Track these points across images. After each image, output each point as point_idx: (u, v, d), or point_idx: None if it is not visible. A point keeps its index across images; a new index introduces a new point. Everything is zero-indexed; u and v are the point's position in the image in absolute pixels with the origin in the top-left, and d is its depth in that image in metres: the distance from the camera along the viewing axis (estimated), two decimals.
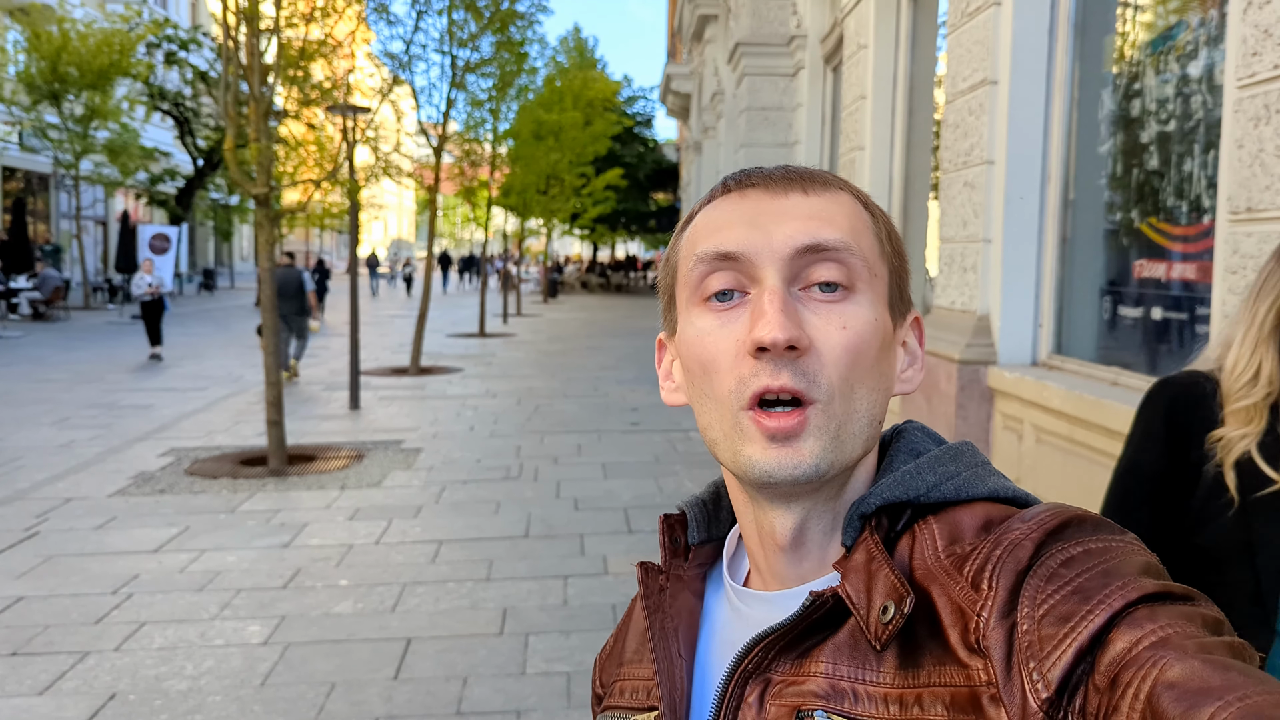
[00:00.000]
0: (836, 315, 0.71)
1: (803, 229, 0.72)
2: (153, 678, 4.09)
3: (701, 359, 0.74)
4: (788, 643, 0.71)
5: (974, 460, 0.76)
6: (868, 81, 8.50)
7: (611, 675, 0.90)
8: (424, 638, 4.54)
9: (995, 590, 0.63)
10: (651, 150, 43.67)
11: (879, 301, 0.74)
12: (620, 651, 0.91)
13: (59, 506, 6.73)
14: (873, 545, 0.70)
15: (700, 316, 0.75)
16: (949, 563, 0.68)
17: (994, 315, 5.56)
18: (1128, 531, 0.66)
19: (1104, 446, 4.28)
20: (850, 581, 0.69)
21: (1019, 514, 0.68)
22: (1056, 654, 0.58)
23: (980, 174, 5.59)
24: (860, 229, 0.75)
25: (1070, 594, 0.60)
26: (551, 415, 10.74)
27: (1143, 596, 0.59)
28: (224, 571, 5.42)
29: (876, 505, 0.72)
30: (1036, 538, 0.64)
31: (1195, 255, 4.27)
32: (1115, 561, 0.62)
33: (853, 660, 0.68)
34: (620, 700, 0.86)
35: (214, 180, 34.13)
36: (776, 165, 0.79)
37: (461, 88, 14.53)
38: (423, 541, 5.99)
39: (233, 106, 7.95)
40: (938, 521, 0.71)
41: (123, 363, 14.94)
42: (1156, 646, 0.55)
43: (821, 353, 0.70)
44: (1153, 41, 4.73)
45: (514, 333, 21.66)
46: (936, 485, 0.73)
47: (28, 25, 24.71)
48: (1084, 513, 0.67)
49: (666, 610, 0.81)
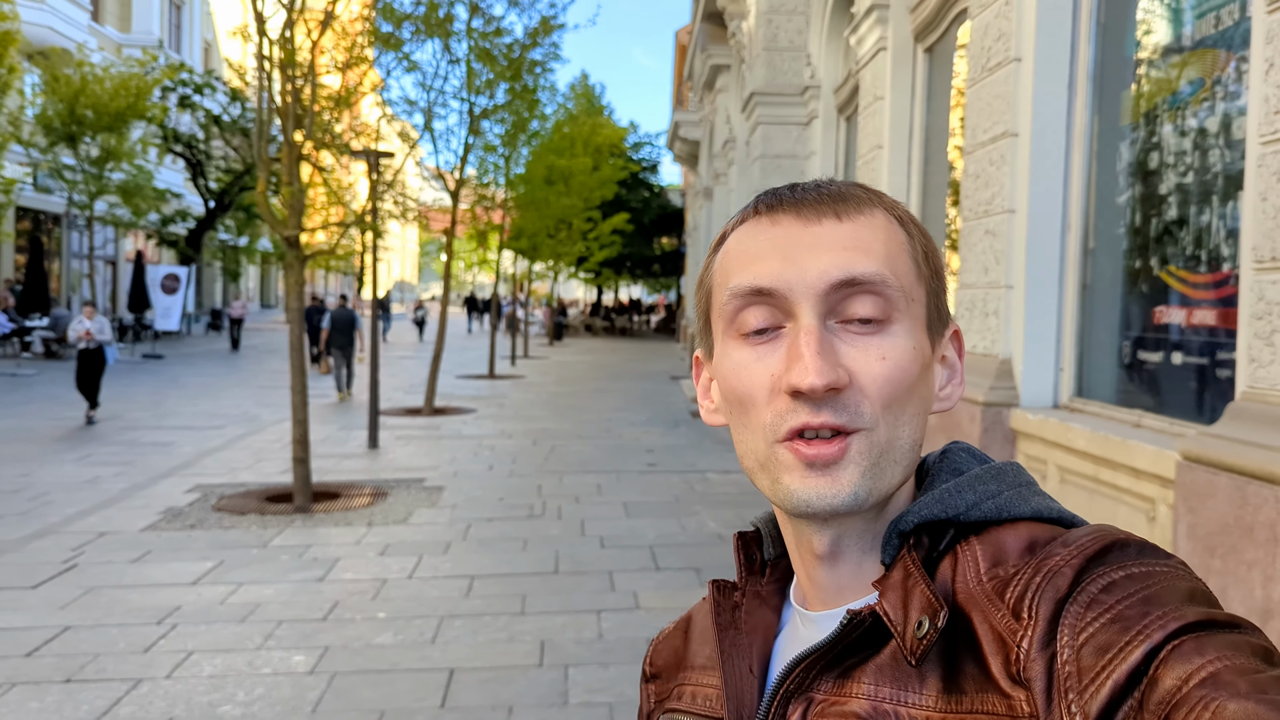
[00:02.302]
0: (875, 348, 0.70)
1: (836, 262, 0.71)
2: (206, 704, 4.20)
3: (738, 392, 0.73)
4: (828, 662, 0.71)
5: (1018, 480, 0.74)
6: (884, 132, 8.73)
7: (673, 673, 0.90)
8: (466, 669, 4.64)
9: (1035, 620, 0.62)
10: (656, 195, 44.14)
11: (917, 327, 0.73)
12: (685, 652, 0.90)
13: (93, 540, 6.84)
14: (910, 563, 0.70)
15: (737, 349, 0.74)
16: (991, 587, 0.66)
17: (1016, 359, 5.72)
18: (1174, 555, 0.64)
19: (1129, 486, 4.41)
20: (888, 599, 0.68)
21: (1062, 538, 0.66)
22: (1095, 686, 0.57)
23: (1002, 222, 5.77)
24: (896, 253, 0.73)
25: (1110, 622, 0.59)
26: (568, 456, 10.86)
27: (1186, 626, 0.56)
28: (263, 604, 5.53)
29: (914, 523, 0.71)
30: (1077, 564, 0.63)
31: (1215, 302, 4.43)
32: (1157, 588, 0.60)
33: (895, 681, 0.67)
34: (691, 705, 0.85)
35: (224, 221, 34.52)
36: (809, 182, 0.78)
37: (478, 133, 14.83)
38: (455, 576, 6.11)
39: (264, 152, 8.17)
40: (980, 543, 0.70)
41: (137, 401, 15.08)
42: (1207, 684, 0.53)
43: (862, 385, 0.69)
44: (1170, 97, 4.93)
45: (522, 375, 21.81)
46: (977, 504, 0.72)
47: (46, 69, 25.12)
48: (1128, 536, 0.65)
49: (740, 627, 0.81)
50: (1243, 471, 3.31)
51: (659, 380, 20.84)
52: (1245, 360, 3.59)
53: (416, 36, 10.63)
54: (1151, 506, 4.24)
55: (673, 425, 13.43)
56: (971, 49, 6.32)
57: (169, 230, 32.46)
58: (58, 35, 27.00)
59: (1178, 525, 3.65)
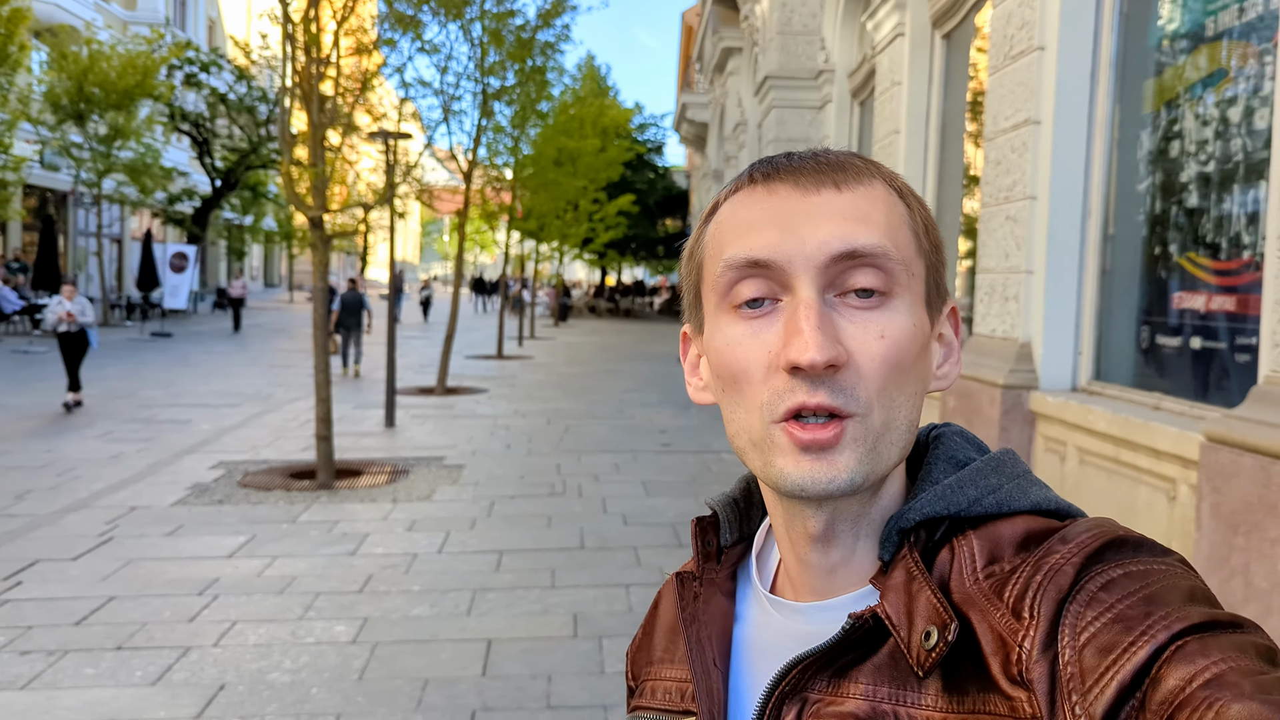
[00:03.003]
0: (875, 324, 0.68)
1: (837, 233, 0.68)
2: (255, 671, 4.34)
3: (732, 369, 0.70)
4: (825, 661, 0.69)
5: (1016, 471, 0.73)
6: (901, 117, 8.82)
7: (642, 671, 0.89)
8: (503, 639, 4.79)
9: (1037, 620, 0.61)
10: (661, 177, 44.17)
11: (916, 303, 0.71)
12: (650, 647, 0.89)
13: (125, 515, 6.98)
14: (912, 564, 0.69)
15: (730, 324, 0.71)
16: (989, 586, 0.65)
17: (1035, 343, 5.83)
18: (1172, 552, 0.63)
19: (1150, 466, 4.54)
20: (889, 601, 0.67)
21: (1059, 534, 0.66)
22: (1099, 687, 0.56)
23: (1023, 208, 5.88)
24: (897, 225, 0.71)
25: (1112, 622, 0.58)
26: (583, 436, 11.00)
27: (1189, 627, 0.56)
28: (299, 577, 5.67)
29: (916, 521, 0.70)
30: (1077, 562, 0.62)
31: (1236, 288, 4.54)
32: (1158, 587, 0.59)
33: (894, 682, 0.66)
34: (652, 701, 0.84)
35: (229, 200, 34.58)
36: (805, 151, 0.75)
37: (489, 115, 14.89)
38: (483, 552, 6.25)
39: (288, 132, 8.26)
40: (977, 537, 0.69)
41: (150, 379, 15.20)
42: (1210, 685, 0.52)
43: (860, 365, 0.67)
44: (1192, 86, 5.03)
45: (530, 355, 21.93)
46: (979, 500, 0.71)
47: (54, 46, 25.12)
48: (1126, 532, 0.64)
49: (701, 619, 0.79)
50: (1266, 452, 3.43)
51: (666, 361, 20.96)
52: (1269, 345, 3.71)
53: (436, 18, 10.70)
54: (1172, 486, 4.37)
55: (684, 407, 13.56)
56: (993, 37, 6.41)
57: (175, 209, 32.53)
58: (65, 12, 27.03)
59: (1201, 505, 3.78)
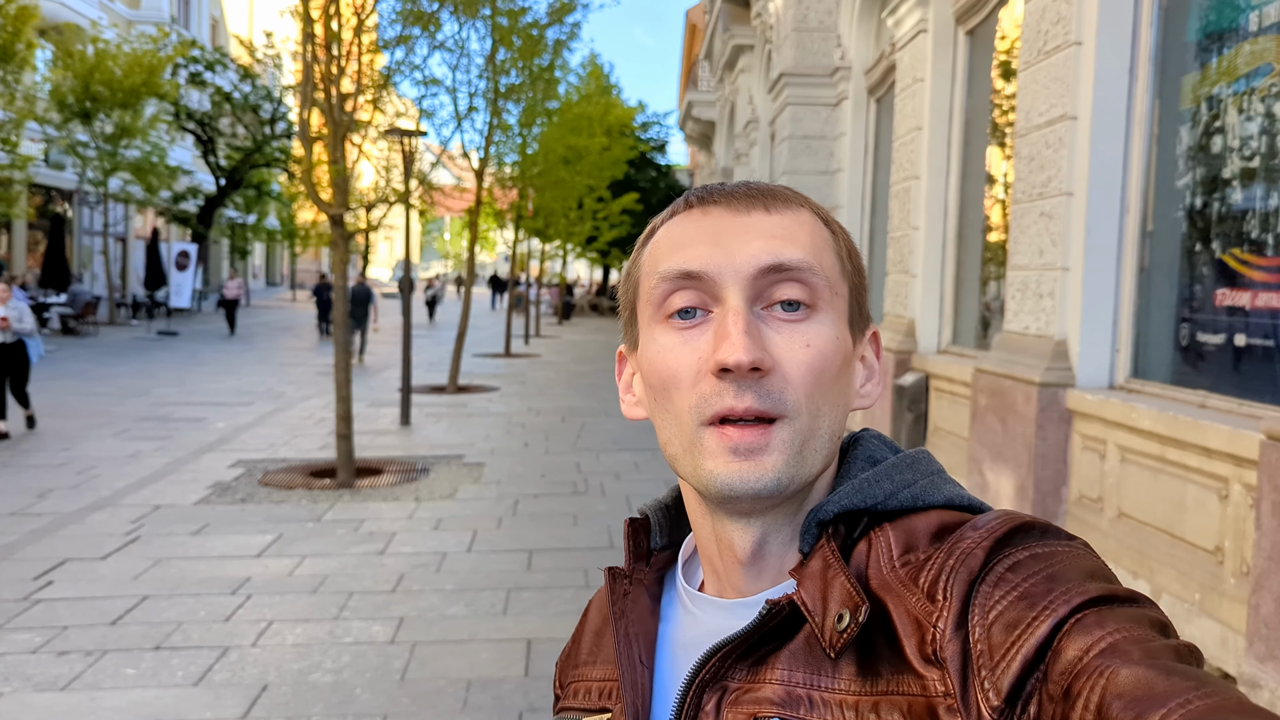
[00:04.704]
0: (800, 334, 0.71)
1: (766, 248, 0.72)
2: (297, 671, 4.30)
3: (663, 375, 0.73)
4: (743, 651, 0.71)
5: (930, 468, 0.76)
6: (924, 113, 8.77)
7: (568, 675, 0.91)
8: (543, 639, 4.74)
9: (950, 600, 0.63)
10: (664, 175, 44.04)
11: (840, 320, 0.75)
12: (577, 653, 0.91)
13: (150, 514, 6.93)
14: (829, 553, 0.70)
15: (663, 333, 0.74)
16: (904, 573, 0.68)
17: (1072, 340, 5.79)
18: (1076, 537, 0.66)
19: (1200, 465, 4.49)
20: (806, 588, 0.69)
21: (971, 521, 0.68)
22: (1005, 662, 0.59)
23: (1059, 205, 5.83)
24: (822, 246, 0.75)
25: (1017, 600, 0.61)
26: (599, 433, 10.96)
27: (1088, 600, 0.59)
28: (330, 576, 5.62)
29: (834, 513, 0.72)
30: (987, 545, 0.65)
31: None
32: (1060, 566, 0.62)
33: (808, 667, 0.68)
34: (574, 701, 0.86)
35: (233, 199, 34.51)
36: (738, 182, 0.79)
37: (498, 114, 14.82)
38: (513, 551, 6.20)
39: (308, 130, 8.21)
40: (893, 529, 0.71)
41: (162, 377, 15.16)
42: (1104, 654, 0.55)
43: (786, 372, 0.70)
44: (1235, 82, 4.98)
45: (538, 353, 21.90)
46: (894, 493, 0.73)
47: (60, 44, 25.05)
48: (1033, 519, 0.67)
49: (629, 615, 0.81)
50: None
51: None
52: None
53: (453, 16, 10.65)
54: (1224, 485, 4.32)
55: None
56: (1026, 32, 6.36)
57: (180, 208, 32.46)
58: (70, 11, 26.92)
59: (1260, 503, 3.73)
